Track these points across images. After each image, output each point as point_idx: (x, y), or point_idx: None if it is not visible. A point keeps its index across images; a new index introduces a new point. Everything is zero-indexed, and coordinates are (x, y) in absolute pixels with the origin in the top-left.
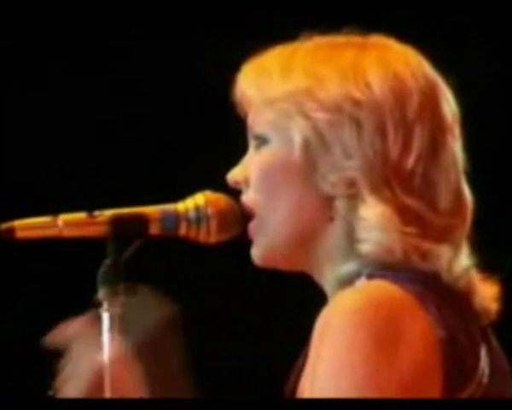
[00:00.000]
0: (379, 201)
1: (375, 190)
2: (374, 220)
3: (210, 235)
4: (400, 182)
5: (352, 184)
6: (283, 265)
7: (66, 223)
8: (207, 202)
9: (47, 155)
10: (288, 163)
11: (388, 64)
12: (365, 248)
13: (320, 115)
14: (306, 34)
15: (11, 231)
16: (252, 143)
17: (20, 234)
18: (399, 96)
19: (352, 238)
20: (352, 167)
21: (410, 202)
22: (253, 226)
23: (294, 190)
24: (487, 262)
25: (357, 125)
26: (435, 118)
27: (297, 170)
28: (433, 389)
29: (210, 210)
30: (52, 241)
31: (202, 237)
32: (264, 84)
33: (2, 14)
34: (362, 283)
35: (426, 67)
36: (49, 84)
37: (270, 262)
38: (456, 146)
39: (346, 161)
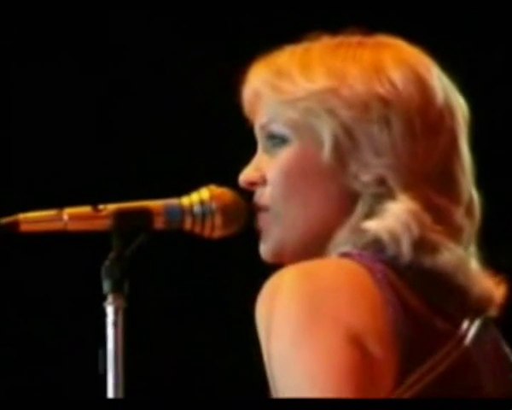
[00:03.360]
0: (409, 199)
1: (407, 187)
2: (397, 213)
3: (215, 229)
4: (428, 180)
5: (381, 181)
6: (292, 260)
7: (71, 217)
8: (212, 197)
9: (50, 151)
10: (315, 161)
11: (406, 62)
12: (370, 228)
13: (348, 113)
14: (311, 35)
15: (15, 224)
16: (264, 143)
17: (24, 227)
18: (424, 93)
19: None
20: (383, 165)
21: (439, 200)
22: (265, 220)
23: (318, 188)
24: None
25: (387, 122)
26: (453, 117)
27: (324, 167)
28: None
29: (215, 204)
30: (56, 234)
31: (207, 232)
32: (281, 83)
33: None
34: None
35: (437, 68)
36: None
37: (281, 257)
38: (466, 147)
39: (376, 159)
